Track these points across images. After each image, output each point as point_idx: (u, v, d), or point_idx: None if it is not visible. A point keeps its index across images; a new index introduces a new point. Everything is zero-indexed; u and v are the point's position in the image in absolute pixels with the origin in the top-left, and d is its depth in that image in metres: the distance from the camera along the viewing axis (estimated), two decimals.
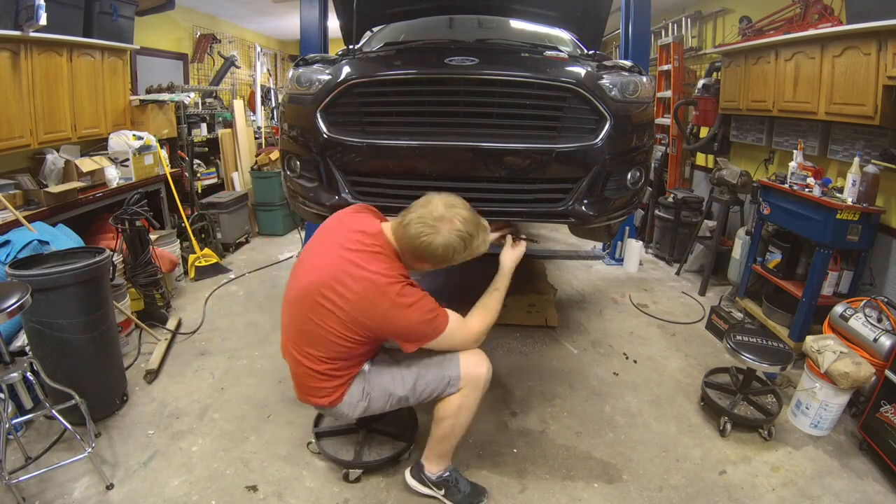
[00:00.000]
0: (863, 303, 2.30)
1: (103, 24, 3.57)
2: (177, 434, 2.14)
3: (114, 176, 3.53)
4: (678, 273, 4.16)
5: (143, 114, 4.02)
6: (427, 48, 2.53)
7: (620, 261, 4.35)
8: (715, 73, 4.11)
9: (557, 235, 5.14)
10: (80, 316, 2.08)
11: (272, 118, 6.69)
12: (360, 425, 2.04)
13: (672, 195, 4.37)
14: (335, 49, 3.08)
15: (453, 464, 1.82)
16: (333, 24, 3.52)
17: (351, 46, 2.74)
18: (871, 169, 2.51)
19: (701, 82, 4.18)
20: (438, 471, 1.78)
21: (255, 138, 5.64)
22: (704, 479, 1.95)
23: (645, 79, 2.14)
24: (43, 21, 2.80)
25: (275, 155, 5.03)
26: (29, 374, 1.83)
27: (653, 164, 4.30)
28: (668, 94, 4.85)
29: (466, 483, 1.82)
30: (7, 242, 2.43)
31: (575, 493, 1.87)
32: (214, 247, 4.25)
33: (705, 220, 4.06)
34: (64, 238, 2.68)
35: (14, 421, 1.95)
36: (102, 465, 1.91)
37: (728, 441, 2.17)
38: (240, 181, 5.12)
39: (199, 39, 5.59)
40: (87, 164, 3.40)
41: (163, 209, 4.11)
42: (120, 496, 1.81)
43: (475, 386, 1.63)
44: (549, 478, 1.95)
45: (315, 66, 2.20)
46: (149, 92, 4.33)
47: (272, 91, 6.89)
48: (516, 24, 3.22)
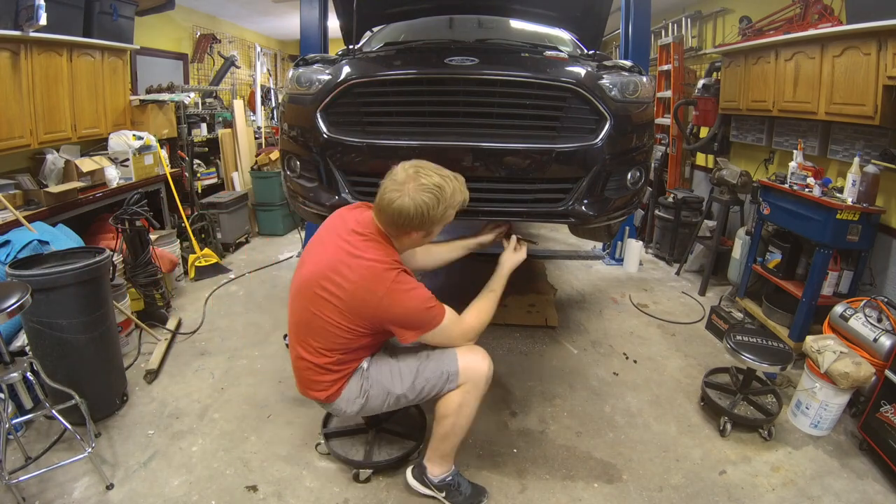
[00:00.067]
0: (863, 303, 2.30)
1: (103, 24, 3.57)
2: (177, 434, 2.14)
3: (114, 176, 3.53)
4: (678, 273, 4.16)
5: (143, 114, 4.02)
6: (427, 48, 2.54)
7: (620, 261, 4.35)
8: (715, 73, 4.11)
9: (557, 235, 5.14)
10: (80, 316, 2.08)
11: (272, 118, 6.69)
12: (369, 425, 2.04)
13: (672, 195, 4.37)
14: (335, 49, 3.08)
15: (455, 466, 1.82)
16: (333, 24, 3.52)
17: (351, 46, 2.74)
18: (871, 169, 2.51)
19: (701, 82, 4.18)
20: (441, 473, 1.78)
21: (255, 138, 5.64)
22: (704, 479, 1.95)
23: (645, 79, 2.14)
24: (43, 21, 2.80)
25: (275, 155, 5.03)
26: (29, 374, 1.84)
27: (653, 164, 4.30)
28: (668, 94, 4.84)
29: (468, 485, 1.82)
30: (7, 242, 2.43)
31: (575, 493, 1.87)
32: (214, 247, 4.25)
33: (705, 220, 4.06)
34: (64, 238, 2.68)
35: (14, 421, 1.95)
36: (102, 465, 1.91)
37: (728, 441, 2.17)
38: (240, 181, 5.12)
39: (199, 39, 5.59)
40: (87, 164, 3.40)
41: (163, 209, 4.11)
42: (120, 496, 1.81)
43: (475, 383, 1.63)
44: (549, 478, 1.95)
45: (315, 66, 2.20)
46: (149, 92, 4.33)
47: (272, 91, 6.89)
48: (516, 24, 3.22)
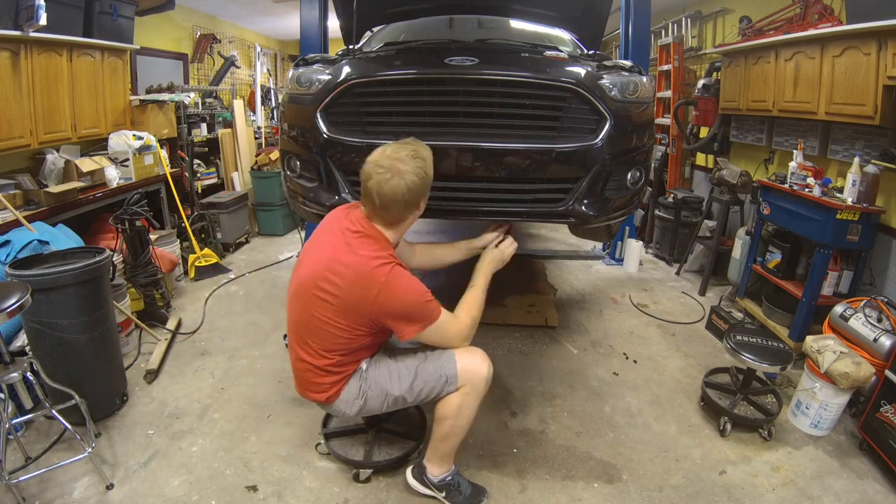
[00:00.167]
0: (863, 303, 2.30)
1: (103, 24, 3.57)
2: (177, 434, 2.14)
3: (114, 176, 3.53)
4: (678, 273, 4.16)
5: (143, 114, 4.02)
6: (427, 48, 2.54)
7: (620, 261, 4.35)
8: (715, 73, 4.11)
9: (557, 235, 5.14)
10: (80, 316, 2.08)
11: (272, 118, 6.69)
12: (369, 425, 2.04)
13: (672, 195, 4.37)
14: (335, 49, 3.08)
15: (455, 466, 1.82)
16: (333, 24, 3.52)
17: (351, 46, 2.74)
18: (871, 169, 2.51)
19: (701, 82, 4.18)
20: (441, 473, 1.78)
21: (255, 138, 5.64)
22: (704, 479, 1.96)
23: (645, 79, 2.14)
24: (43, 21, 2.80)
25: (275, 155, 5.02)
26: (29, 374, 1.84)
27: (653, 164, 4.29)
28: (668, 94, 4.84)
29: (468, 484, 1.82)
30: (7, 242, 2.43)
31: (575, 493, 1.87)
32: (214, 247, 4.25)
33: (705, 220, 4.06)
34: (64, 238, 2.68)
35: (14, 421, 1.95)
36: (102, 465, 1.91)
37: (728, 441, 2.17)
38: (240, 181, 5.12)
39: (199, 39, 5.59)
40: (87, 164, 3.41)
41: (163, 209, 4.11)
42: (120, 496, 1.81)
43: (475, 385, 1.62)
44: (549, 478, 1.95)
45: (315, 66, 2.20)
46: (149, 92, 4.33)
47: (272, 91, 6.89)
48: (516, 24, 3.21)
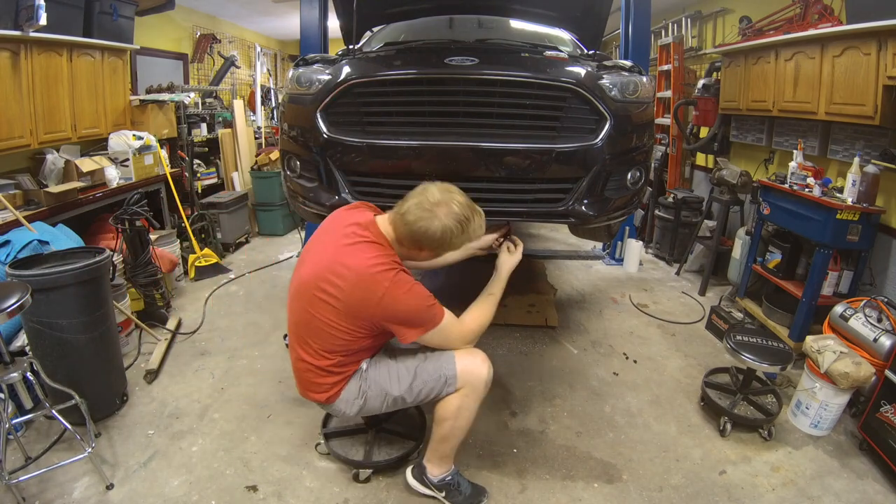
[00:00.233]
0: (863, 303, 2.30)
1: (103, 24, 3.57)
2: (177, 434, 2.14)
3: (114, 176, 3.53)
4: (678, 273, 4.16)
5: (143, 114, 4.02)
6: (427, 48, 2.54)
7: (620, 261, 4.35)
8: (715, 73, 4.11)
9: (557, 235, 5.14)
10: (80, 316, 2.08)
11: (272, 118, 6.69)
12: (369, 425, 2.04)
13: (672, 195, 4.37)
14: (335, 49, 3.08)
15: (455, 466, 1.82)
16: (333, 24, 3.52)
17: (351, 46, 2.74)
18: (871, 169, 2.51)
19: (701, 82, 4.18)
20: (441, 473, 1.78)
21: (255, 138, 5.64)
22: (704, 479, 1.95)
23: (645, 79, 2.14)
24: (43, 21, 2.80)
25: (275, 155, 5.02)
26: (29, 374, 1.83)
27: (653, 164, 4.29)
28: (668, 94, 4.84)
29: (467, 484, 1.82)
30: (7, 242, 2.43)
31: (575, 493, 1.87)
32: (214, 247, 4.24)
33: (705, 220, 4.06)
34: (64, 238, 2.68)
35: (14, 421, 1.95)
36: (102, 465, 1.91)
37: (728, 441, 2.17)
38: (240, 181, 5.12)
39: (199, 39, 5.59)
40: (87, 164, 3.40)
41: (163, 209, 4.11)
42: (120, 496, 1.81)
43: (474, 387, 1.62)
44: (549, 478, 1.95)
45: (315, 66, 2.20)
46: (149, 92, 4.33)
47: (272, 91, 6.89)
48: (516, 24, 3.22)
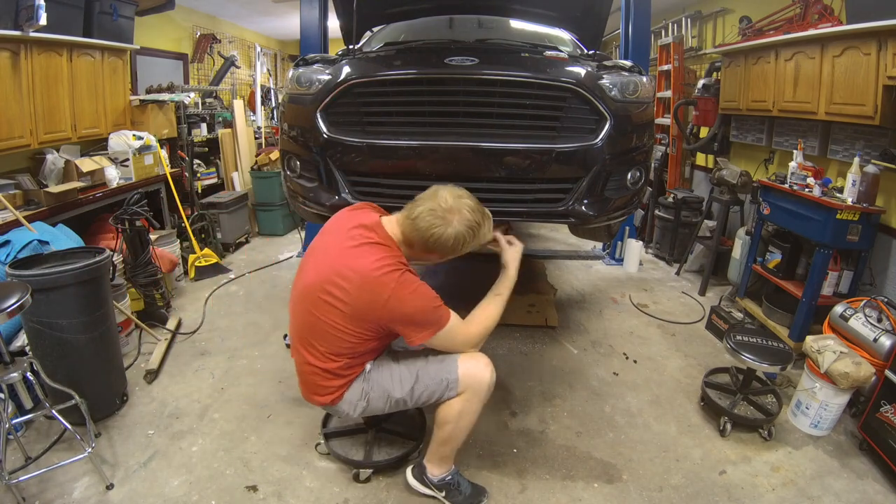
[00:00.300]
0: (863, 303, 2.30)
1: (103, 24, 3.57)
2: (177, 434, 2.14)
3: (114, 176, 3.53)
4: (678, 273, 4.16)
5: (143, 114, 4.02)
6: (427, 48, 2.54)
7: (620, 261, 4.35)
8: (715, 73, 4.11)
9: (557, 235, 5.14)
10: (80, 316, 2.08)
11: (272, 118, 6.69)
12: (369, 425, 2.04)
13: (672, 195, 4.37)
14: (335, 49, 3.08)
15: (455, 466, 1.82)
16: (333, 24, 3.52)
17: (351, 46, 2.74)
18: (871, 169, 2.51)
19: (701, 82, 4.18)
20: (441, 473, 1.78)
21: (255, 138, 5.64)
22: (704, 479, 1.95)
23: (645, 79, 2.14)
24: (43, 21, 2.80)
25: (275, 155, 5.02)
26: (29, 374, 1.83)
27: (653, 164, 4.30)
28: (668, 94, 4.84)
29: (468, 484, 1.82)
30: (7, 242, 2.43)
31: (575, 493, 1.87)
32: (214, 247, 4.24)
33: (705, 220, 4.06)
34: (64, 238, 2.68)
35: (14, 421, 1.95)
36: (102, 465, 1.91)
37: (728, 441, 2.17)
38: (240, 181, 5.12)
39: (199, 39, 5.59)
40: (87, 164, 3.40)
41: (163, 209, 4.11)
42: (120, 496, 1.81)
43: (476, 391, 1.61)
44: (549, 478, 1.95)
45: (315, 66, 2.20)
46: (149, 92, 4.33)
47: (272, 91, 6.89)
48: (516, 24, 3.22)
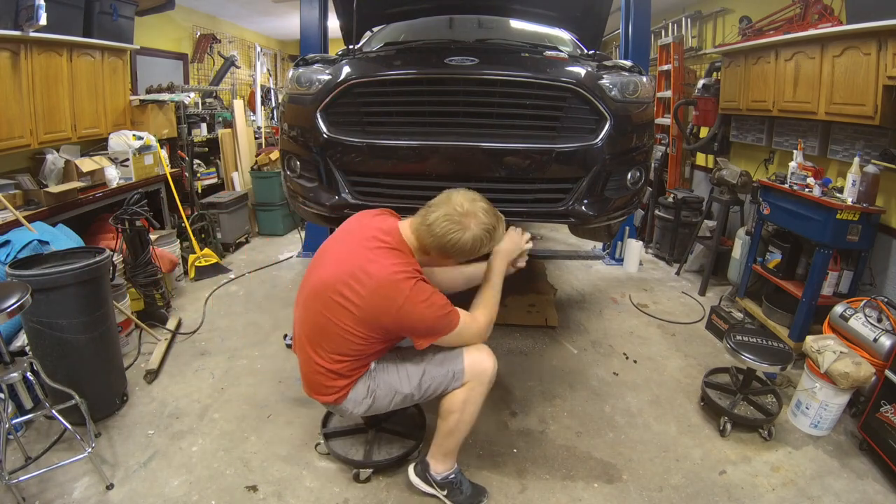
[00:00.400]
0: (863, 303, 2.30)
1: (103, 24, 3.57)
2: (177, 434, 2.14)
3: (114, 176, 3.53)
4: (678, 273, 4.16)
5: (143, 114, 4.02)
6: (427, 48, 2.54)
7: (620, 261, 4.35)
8: (715, 73, 4.11)
9: (557, 235, 5.14)
10: (80, 316, 2.08)
11: (272, 118, 6.69)
12: (369, 425, 2.04)
13: (672, 195, 4.37)
14: (335, 49, 3.08)
15: (458, 465, 1.82)
16: (333, 24, 3.52)
17: (351, 46, 2.74)
18: (871, 169, 2.51)
19: (701, 82, 4.18)
20: (444, 471, 1.78)
21: (255, 138, 5.64)
22: (704, 479, 1.95)
23: (645, 79, 2.14)
24: (43, 21, 2.80)
25: (275, 155, 5.02)
26: (29, 374, 1.83)
27: (653, 164, 4.30)
28: (668, 94, 4.84)
29: (468, 484, 1.82)
30: (7, 242, 2.43)
31: (575, 493, 1.87)
32: (214, 247, 4.24)
33: (705, 220, 4.06)
34: (64, 238, 2.68)
35: (14, 421, 1.95)
36: (102, 465, 1.91)
37: (728, 441, 2.17)
38: (240, 181, 5.12)
39: (199, 39, 5.59)
40: (87, 164, 3.40)
41: (163, 209, 4.11)
42: (120, 496, 1.81)
43: (480, 381, 1.63)
44: (549, 478, 1.95)
45: (315, 66, 2.20)
46: (149, 92, 4.33)
47: (272, 91, 6.89)
48: (516, 24, 3.22)
